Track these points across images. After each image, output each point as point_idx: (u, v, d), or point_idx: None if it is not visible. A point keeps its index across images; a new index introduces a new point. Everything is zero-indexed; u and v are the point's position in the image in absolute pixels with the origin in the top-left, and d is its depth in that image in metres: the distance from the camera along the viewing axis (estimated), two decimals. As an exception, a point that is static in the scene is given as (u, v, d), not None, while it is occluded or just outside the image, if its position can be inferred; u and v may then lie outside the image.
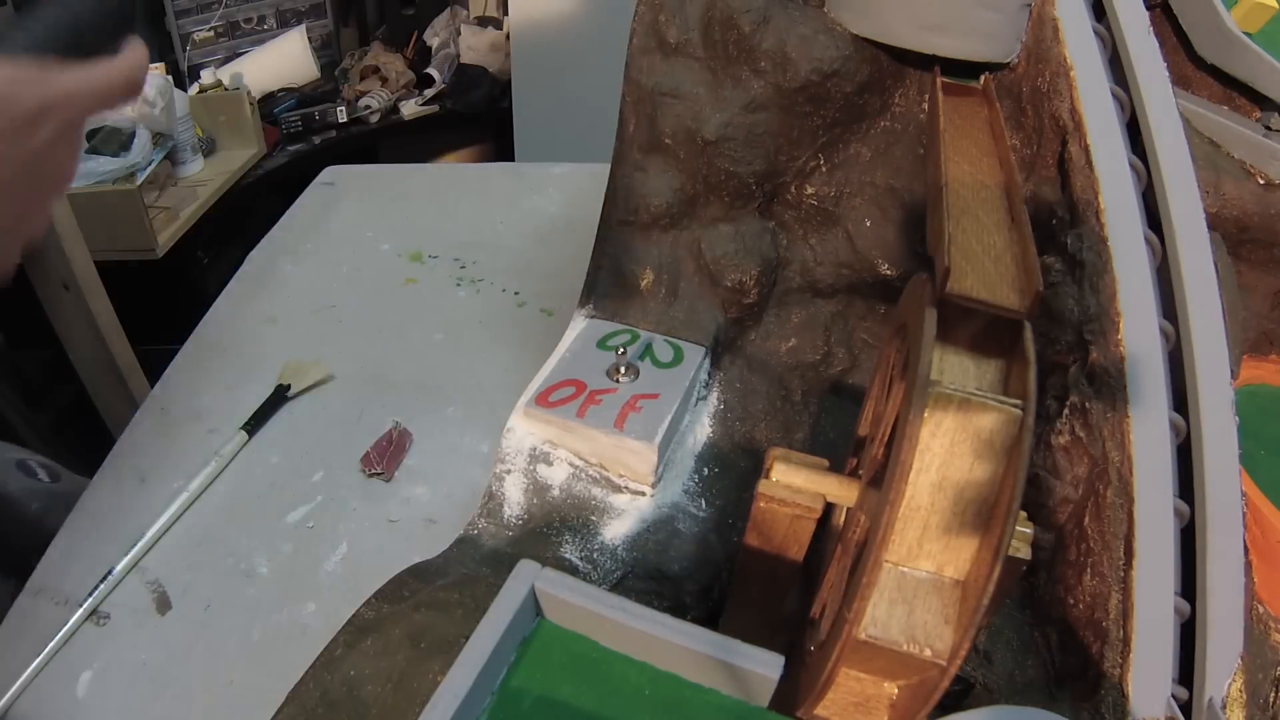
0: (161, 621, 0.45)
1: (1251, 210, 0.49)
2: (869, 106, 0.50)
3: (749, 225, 0.52)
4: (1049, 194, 0.43)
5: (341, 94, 1.86)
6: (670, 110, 0.50)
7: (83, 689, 0.42)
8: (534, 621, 0.30)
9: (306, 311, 0.68)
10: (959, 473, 0.27)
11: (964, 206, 0.34)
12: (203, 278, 1.54)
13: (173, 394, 0.60)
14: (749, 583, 0.38)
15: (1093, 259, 0.40)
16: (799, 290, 0.54)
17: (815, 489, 0.33)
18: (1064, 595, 0.39)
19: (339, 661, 0.38)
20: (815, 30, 0.47)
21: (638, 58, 0.51)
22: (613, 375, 0.49)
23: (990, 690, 0.38)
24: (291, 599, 0.46)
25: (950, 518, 0.27)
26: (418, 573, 0.44)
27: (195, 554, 0.49)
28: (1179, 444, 0.38)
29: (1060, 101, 0.42)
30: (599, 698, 0.28)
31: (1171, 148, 0.40)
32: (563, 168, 0.87)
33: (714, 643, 0.28)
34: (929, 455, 0.27)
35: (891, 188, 0.51)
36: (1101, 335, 0.39)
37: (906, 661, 0.27)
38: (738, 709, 0.28)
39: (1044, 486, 0.40)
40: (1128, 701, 0.34)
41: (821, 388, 0.55)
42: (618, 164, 0.53)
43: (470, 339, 0.66)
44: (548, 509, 0.47)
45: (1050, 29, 0.43)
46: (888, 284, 0.52)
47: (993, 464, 0.27)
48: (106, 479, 0.54)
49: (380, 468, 0.53)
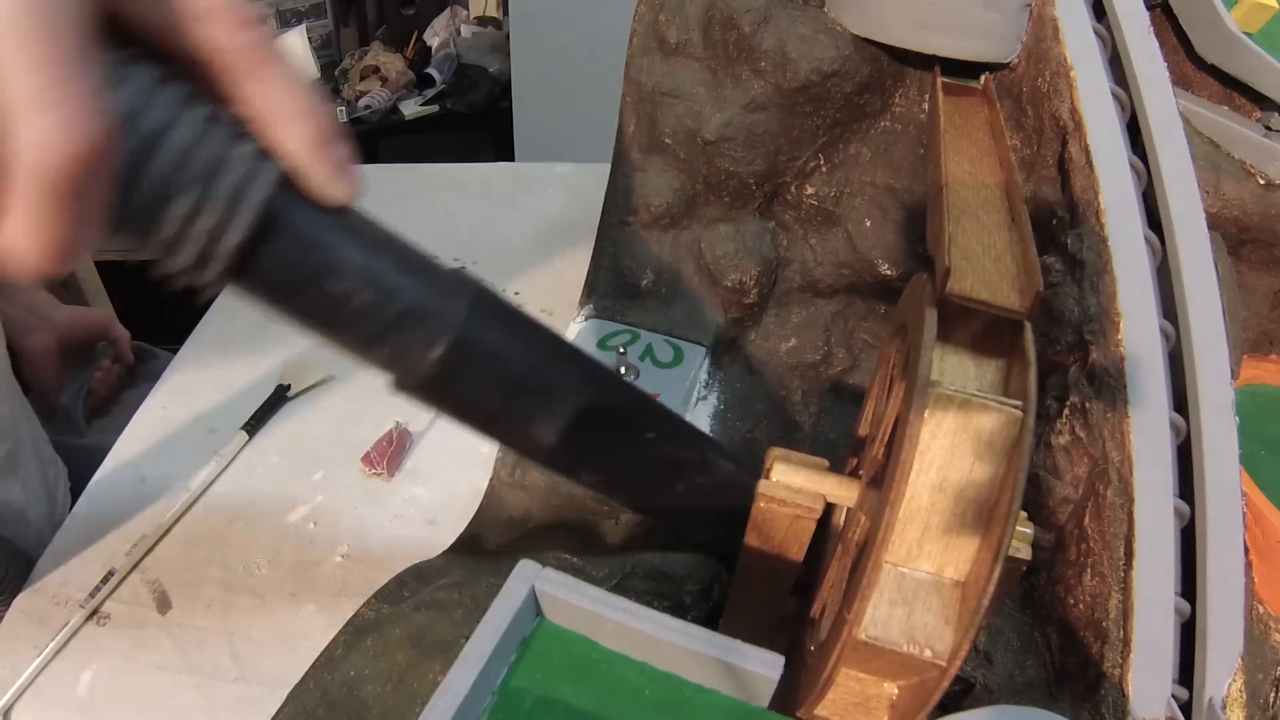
0: (161, 621, 0.45)
1: (1251, 210, 0.49)
2: (869, 106, 0.50)
3: (749, 225, 0.52)
4: (1049, 194, 0.43)
5: (341, 94, 1.86)
6: (670, 110, 0.50)
7: (83, 689, 0.42)
8: (534, 621, 0.30)
9: (306, 311, 0.68)
10: (959, 473, 0.27)
11: (964, 206, 0.34)
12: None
13: (173, 394, 0.60)
14: (749, 583, 0.38)
15: (1093, 259, 0.40)
16: (799, 290, 0.54)
17: (815, 489, 0.33)
18: (1064, 595, 0.39)
19: (339, 661, 0.38)
20: (815, 30, 0.47)
21: (638, 58, 0.51)
22: (613, 375, 0.49)
23: (990, 690, 0.38)
24: (291, 599, 0.46)
25: (950, 518, 0.27)
26: (418, 573, 0.44)
27: (195, 554, 0.49)
28: (1179, 444, 0.38)
29: (1060, 101, 0.42)
30: (599, 698, 0.28)
31: (1171, 148, 0.40)
32: (563, 168, 0.87)
33: (714, 643, 0.28)
34: (929, 456, 0.27)
35: (891, 188, 0.51)
36: (1101, 335, 0.39)
37: (906, 662, 0.27)
38: (738, 709, 0.28)
39: (1044, 486, 0.40)
40: (1128, 701, 0.34)
41: (821, 388, 0.55)
42: (618, 164, 0.53)
43: (470, 339, 0.65)
44: (548, 509, 0.47)
45: (1050, 29, 0.43)
46: (888, 284, 0.52)
47: (993, 464, 0.27)
48: (106, 479, 0.54)
49: (380, 468, 0.53)
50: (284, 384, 0.59)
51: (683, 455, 0.35)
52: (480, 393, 0.28)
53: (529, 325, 0.29)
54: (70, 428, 0.62)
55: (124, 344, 0.70)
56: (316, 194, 0.23)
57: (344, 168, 0.23)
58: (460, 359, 0.26)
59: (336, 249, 0.24)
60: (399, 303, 0.25)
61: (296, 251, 0.23)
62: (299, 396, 0.59)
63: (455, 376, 0.27)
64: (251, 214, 0.22)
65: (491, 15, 2.12)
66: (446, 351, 0.26)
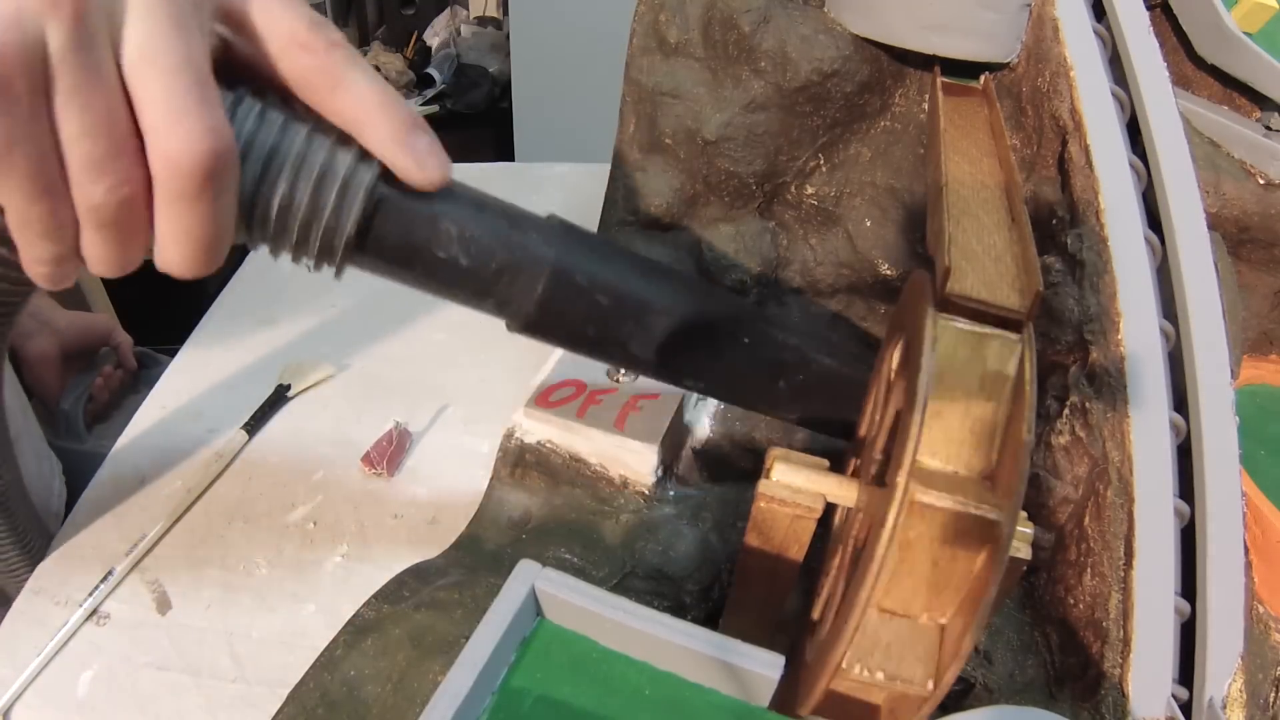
0: (161, 621, 0.45)
1: (1251, 210, 0.49)
2: (869, 106, 0.50)
3: (749, 225, 0.52)
4: (1049, 194, 0.43)
5: (341, 94, 1.86)
6: (670, 110, 0.50)
7: (83, 689, 0.42)
8: (534, 621, 0.30)
9: (306, 311, 0.68)
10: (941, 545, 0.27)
11: (964, 206, 0.34)
12: (203, 278, 1.54)
13: (173, 394, 0.60)
14: (749, 583, 0.38)
15: (1093, 259, 0.40)
16: (799, 290, 0.54)
17: (815, 489, 0.33)
18: (1064, 595, 0.39)
19: (339, 661, 0.38)
20: (815, 30, 0.47)
21: (638, 58, 0.51)
22: (613, 375, 0.49)
23: (990, 690, 0.38)
24: (291, 599, 0.46)
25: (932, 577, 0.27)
26: (418, 573, 0.44)
27: (195, 554, 0.49)
28: (1179, 444, 0.38)
29: (1060, 101, 0.42)
30: (599, 698, 0.28)
31: (1171, 148, 0.40)
32: (563, 168, 0.87)
33: (714, 643, 0.28)
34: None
35: (891, 188, 0.51)
36: (1101, 335, 0.39)
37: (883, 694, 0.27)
38: (738, 709, 0.28)
39: (1044, 486, 0.40)
40: (1128, 701, 0.34)
41: (821, 388, 0.55)
42: (618, 164, 0.53)
43: (470, 339, 0.66)
44: (548, 509, 0.47)
45: (1050, 29, 0.43)
46: (888, 284, 0.52)
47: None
48: (106, 479, 0.54)
49: (380, 468, 0.53)
50: (284, 384, 0.59)
51: (782, 357, 0.37)
52: (580, 323, 0.31)
53: (617, 256, 0.33)
54: (70, 433, 0.62)
55: (126, 350, 0.70)
56: (409, 180, 0.27)
57: (428, 154, 0.27)
58: (557, 299, 0.30)
59: (436, 222, 0.28)
60: (497, 259, 0.29)
61: (402, 230, 0.27)
62: (299, 396, 0.59)
63: (556, 314, 0.31)
64: (358, 206, 0.26)
65: (491, 15, 2.12)
66: (542, 294, 0.30)
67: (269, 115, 0.25)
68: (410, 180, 0.27)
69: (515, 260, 0.29)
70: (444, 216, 0.28)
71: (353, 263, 0.28)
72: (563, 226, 0.31)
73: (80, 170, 0.22)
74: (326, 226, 0.26)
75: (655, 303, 0.32)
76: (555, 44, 1.69)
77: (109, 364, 0.68)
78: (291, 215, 0.26)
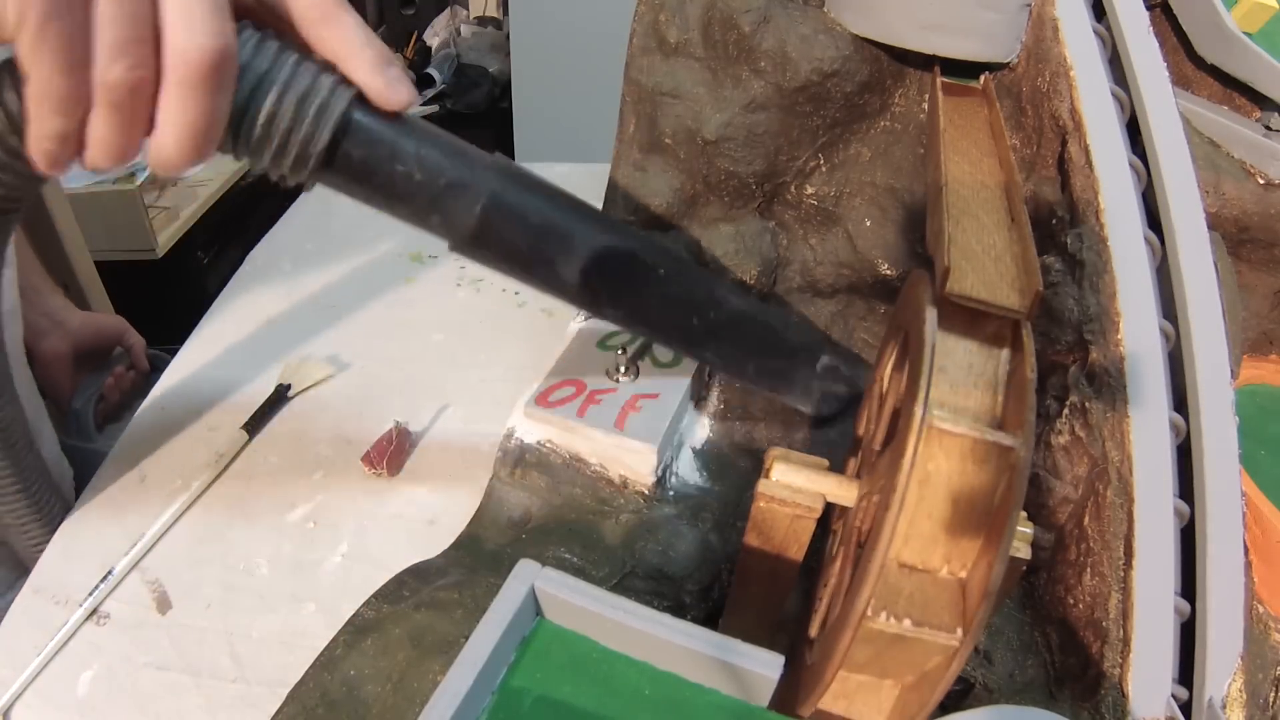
0: (161, 621, 0.45)
1: (1251, 210, 0.49)
2: (869, 106, 0.50)
3: (749, 225, 0.52)
4: (1049, 194, 0.43)
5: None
6: (670, 110, 0.50)
7: (83, 689, 0.42)
8: (534, 621, 0.30)
9: (306, 311, 0.68)
10: (960, 479, 0.27)
11: (964, 206, 0.34)
12: (203, 278, 1.54)
13: (173, 394, 0.60)
14: (749, 582, 0.38)
15: (1093, 259, 0.40)
16: (799, 290, 0.54)
17: (815, 489, 0.33)
18: (1064, 595, 0.39)
19: (339, 661, 0.38)
20: (815, 30, 0.47)
21: (638, 58, 0.51)
22: (613, 375, 0.49)
23: (990, 690, 0.38)
24: (291, 599, 0.46)
25: (952, 515, 0.27)
26: (418, 573, 0.44)
27: (195, 554, 0.49)
28: (1179, 444, 0.38)
29: (1060, 101, 0.42)
30: (599, 698, 0.28)
31: (1171, 148, 0.40)
32: (563, 168, 0.87)
33: (714, 643, 0.28)
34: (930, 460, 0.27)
35: (891, 188, 0.51)
36: (1101, 335, 0.39)
37: (912, 649, 0.27)
38: (738, 709, 0.28)
39: (1044, 486, 0.40)
40: (1128, 701, 0.34)
41: (821, 388, 0.55)
42: (618, 164, 0.53)
43: (470, 339, 0.66)
44: (548, 509, 0.47)
45: (1050, 29, 0.43)
46: (888, 284, 0.52)
47: (992, 473, 0.27)
48: (106, 479, 0.54)
49: (380, 467, 0.53)
50: (284, 384, 0.59)
51: (694, 293, 0.41)
52: (513, 242, 0.35)
53: (549, 189, 0.36)
54: (81, 432, 0.62)
55: (139, 351, 0.70)
56: (380, 102, 0.31)
57: (399, 81, 0.31)
58: (494, 216, 0.34)
59: (397, 141, 0.32)
60: (445, 176, 0.33)
61: (368, 145, 0.31)
62: (299, 396, 0.59)
63: (492, 230, 0.34)
64: (334, 121, 0.30)
65: (491, 15, 2.13)
66: (482, 210, 0.33)
67: (266, 44, 0.29)
68: (382, 101, 0.31)
69: (462, 178, 0.33)
70: (405, 136, 0.32)
71: (322, 177, 0.32)
72: (505, 159, 0.35)
73: (105, 49, 0.26)
74: (304, 137, 0.30)
75: (581, 226, 0.36)
76: (555, 44, 1.69)
77: (121, 365, 0.68)
78: (275, 126, 0.29)
